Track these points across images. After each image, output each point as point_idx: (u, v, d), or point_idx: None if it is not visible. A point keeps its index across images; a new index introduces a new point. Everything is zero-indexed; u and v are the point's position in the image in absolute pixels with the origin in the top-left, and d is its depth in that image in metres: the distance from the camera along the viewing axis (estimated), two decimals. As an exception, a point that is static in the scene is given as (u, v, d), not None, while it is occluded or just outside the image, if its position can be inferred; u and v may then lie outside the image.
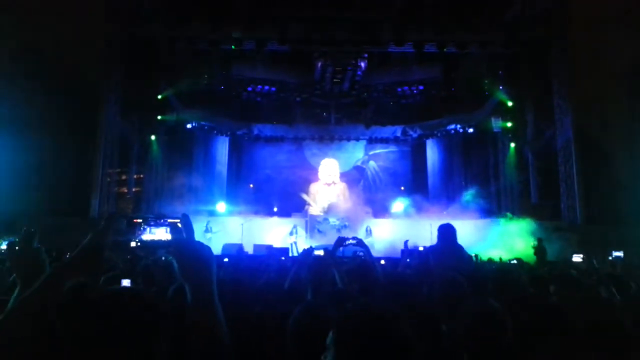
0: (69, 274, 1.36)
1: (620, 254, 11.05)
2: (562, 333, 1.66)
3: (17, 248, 1.60)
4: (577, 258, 10.88)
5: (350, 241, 3.92)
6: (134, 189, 18.39)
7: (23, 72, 17.06)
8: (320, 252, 3.66)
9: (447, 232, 4.48)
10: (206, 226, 15.72)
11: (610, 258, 10.94)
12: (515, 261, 9.93)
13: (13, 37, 17.20)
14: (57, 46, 18.28)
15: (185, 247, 1.25)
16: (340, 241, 3.86)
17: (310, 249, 4.02)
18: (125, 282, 3.28)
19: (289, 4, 16.15)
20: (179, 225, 1.30)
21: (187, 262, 1.22)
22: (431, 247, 4.76)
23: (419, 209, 17.31)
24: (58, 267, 1.37)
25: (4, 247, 10.00)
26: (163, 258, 8.18)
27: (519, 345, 1.62)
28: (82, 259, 1.43)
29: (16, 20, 16.94)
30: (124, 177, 18.15)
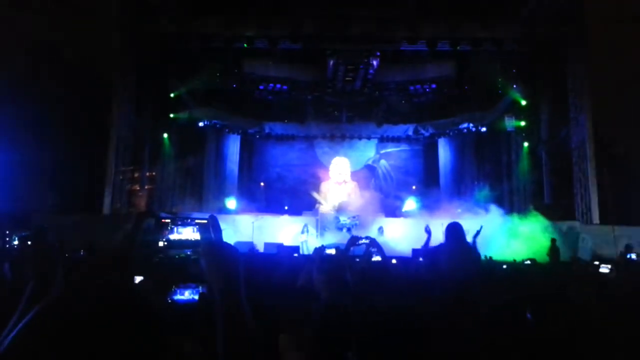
0: (100, 273, 1.35)
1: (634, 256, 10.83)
2: (584, 332, 1.62)
3: (29, 243, 1.59)
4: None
5: (364, 241, 3.87)
6: (146, 187, 18.52)
7: (36, 71, 17.27)
8: (332, 251, 3.64)
9: (454, 231, 4.26)
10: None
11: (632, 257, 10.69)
12: (528, 261, 9.83)
13: (28, 36, 17.41)
14: (71, 44, 18.47)
15: (214, 247, 1.26)
16: (353, 240, 3.82)
17: (322, 248, 4.01)
18: (138, 279, 3.30)
19: (302, 2, 16.13)
20: (208, 225, 1.31)
21: (215, 262, 1.23)
22: (439, 246, 4.42)
23: (430, 208, 17.19)
24: (87, 266, 1.36)
25: (16, 242, 10.11)
26: (177, 256, 8.24)
27: (537, 344, 1.59)
28: (113, 258, 1.42)
29: (31, 20, 17.15)
30: (136, 175, 18.27)
